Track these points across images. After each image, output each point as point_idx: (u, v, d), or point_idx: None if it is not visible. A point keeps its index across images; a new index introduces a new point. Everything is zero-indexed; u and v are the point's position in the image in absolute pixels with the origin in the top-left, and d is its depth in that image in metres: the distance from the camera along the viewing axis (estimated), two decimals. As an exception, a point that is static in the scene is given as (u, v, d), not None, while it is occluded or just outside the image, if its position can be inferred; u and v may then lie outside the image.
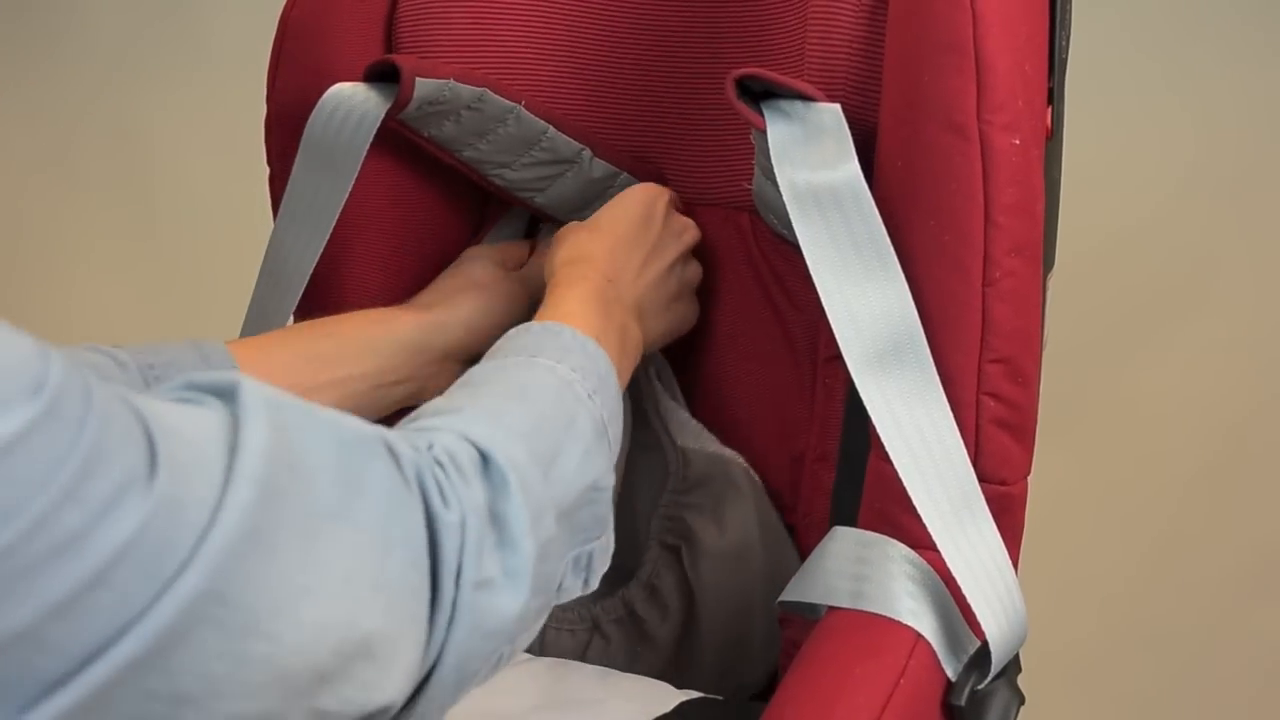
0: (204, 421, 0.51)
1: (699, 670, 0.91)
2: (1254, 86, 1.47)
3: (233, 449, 0.50)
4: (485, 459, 0.60)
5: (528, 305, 0.93)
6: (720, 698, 0.88)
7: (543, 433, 0.65)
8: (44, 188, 1.96)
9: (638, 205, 0.86)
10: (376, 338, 0.86)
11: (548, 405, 0.67)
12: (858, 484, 0.79)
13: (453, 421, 0.62)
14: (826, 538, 0.76)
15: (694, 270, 0.90)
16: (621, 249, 0.84)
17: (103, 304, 1.96)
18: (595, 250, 0.83)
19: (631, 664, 0.92)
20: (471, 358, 0.90)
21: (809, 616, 0.74)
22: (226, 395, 0.53)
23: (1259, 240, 1.51)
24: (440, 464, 0.58)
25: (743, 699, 0.91)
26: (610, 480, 0.69)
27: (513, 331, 0.74)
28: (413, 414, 0.65)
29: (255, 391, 0.53)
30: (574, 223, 0.87)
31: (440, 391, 0.89)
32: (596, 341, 0.74)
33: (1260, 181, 1.49)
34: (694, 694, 0.86)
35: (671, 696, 0.85)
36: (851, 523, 0.77)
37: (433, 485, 0.57)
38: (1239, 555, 1.55)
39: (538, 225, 0.99)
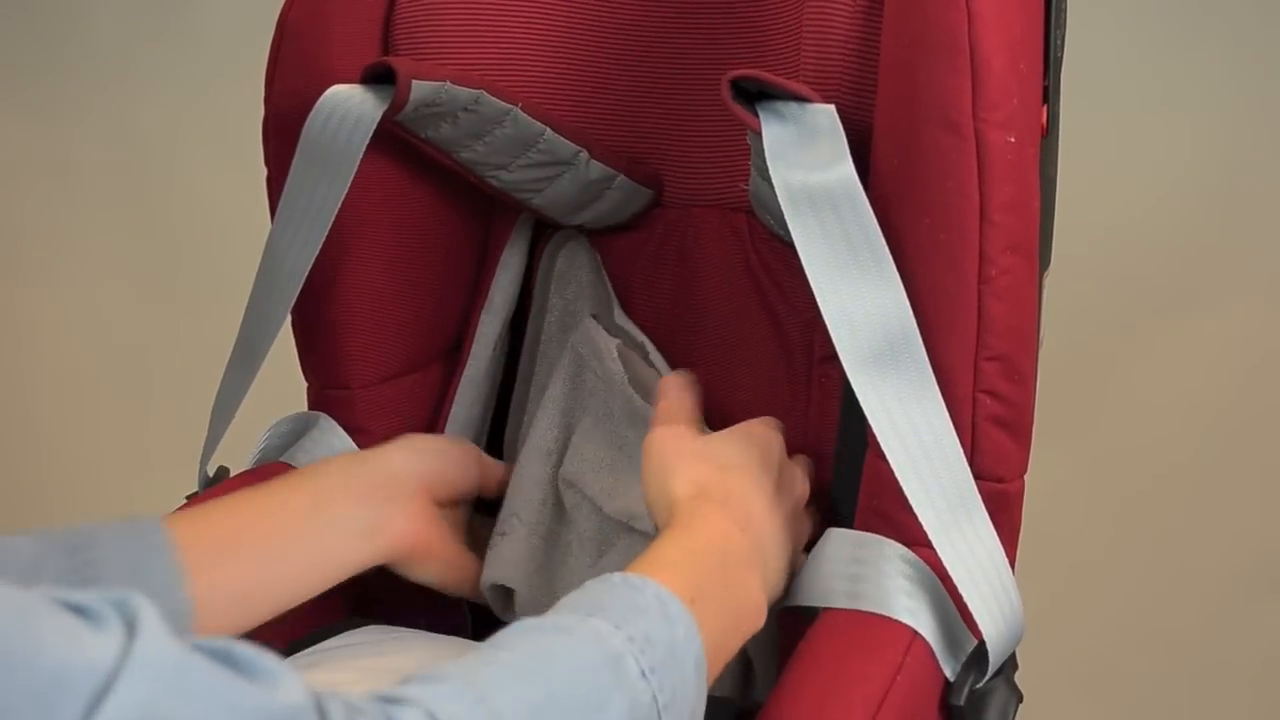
0: (83, 652, 0.41)
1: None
2: (1254, 88, 1.47)
3: (90, 709, 0.40)
4: None
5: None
6: (719, 695, 0.88)
7: None
8: (44, 188, 1.96)
9: (756, 441, 0.77)
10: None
11: (565, 685, 0.55)
12: (855, 483, 0.79)
13: (427, 694, 0.51)
14: (821, 541, 0.76)
15: (805, 524, 0.80)
16: (750, 488, 0.73)
17: (103, 304, 1.96)
18: (724, 488, 0.72)
19: None
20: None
21: (805, 619, 0.74)
22: (131, 628, 0.43)
23: (1259, 240, 1.51)
24: None
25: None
26: None
27: (590, 581, 0.62)
28: (403, 677, 0.53)
29: (155, 639, 0.43)
30: (668, 433, 0.77)
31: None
32: (686, 604, 0.62)
33: (1259, 182, 1.49)
34: None
35: None
36: (849, 521, 0.77)
37: None
38: (1239, 554, 1.55)
39: (543, 229, 0.99)
